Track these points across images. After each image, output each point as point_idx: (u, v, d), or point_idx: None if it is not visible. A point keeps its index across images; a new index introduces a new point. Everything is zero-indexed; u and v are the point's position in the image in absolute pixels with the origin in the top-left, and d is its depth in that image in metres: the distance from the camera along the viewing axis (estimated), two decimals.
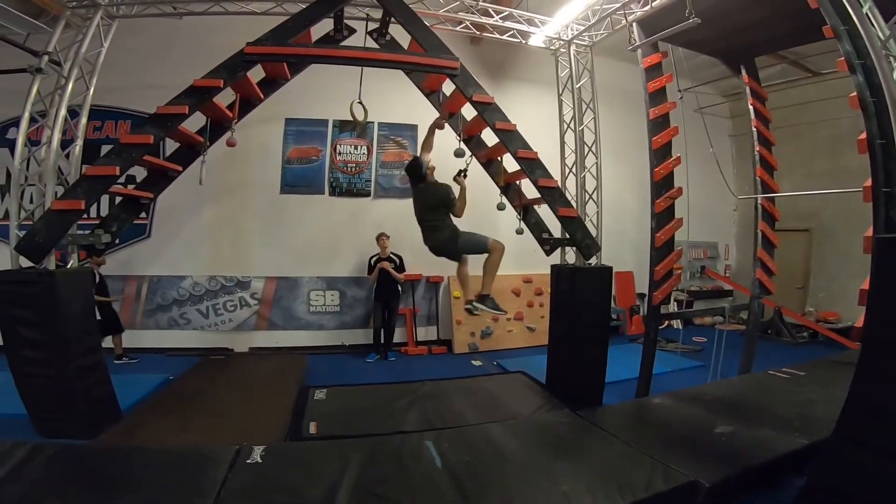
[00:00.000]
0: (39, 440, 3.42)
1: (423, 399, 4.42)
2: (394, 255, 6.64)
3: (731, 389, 4.39)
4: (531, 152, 4.53)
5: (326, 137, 7.12)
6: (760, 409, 3.77)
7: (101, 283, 5.79)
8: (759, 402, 3.94)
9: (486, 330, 7.22)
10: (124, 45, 5.61)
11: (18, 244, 3.69)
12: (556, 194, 4.65)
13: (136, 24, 5.60)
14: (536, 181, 4.53)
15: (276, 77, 4.41)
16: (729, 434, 3.32)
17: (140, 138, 3.71)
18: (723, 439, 3.26)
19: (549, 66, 6.27)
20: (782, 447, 3.09)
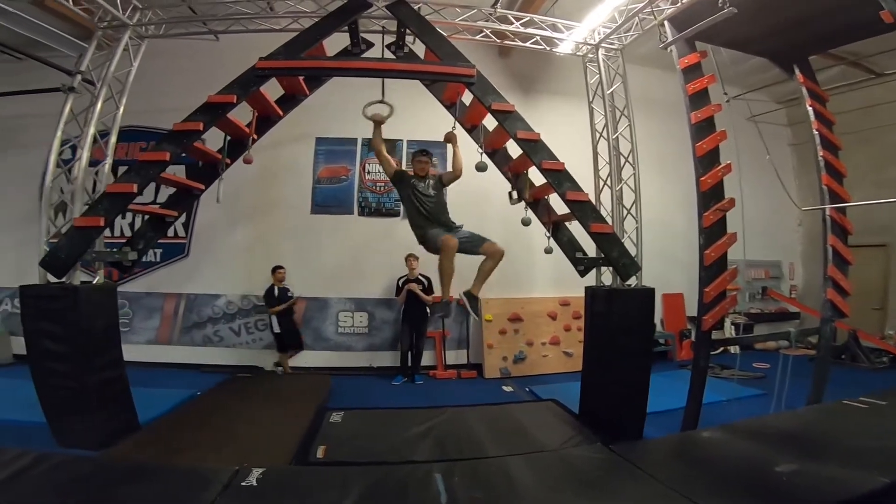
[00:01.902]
0: (56, 450, 3.45)
1: (441, 426, 4.11)
2: (422, 277, 6.45)
3: (797, 421, 3.78)
4: (557, 163, 4.25)
5: (356, 156, 7.14)
6: (832, 443, 3.17)
7: (280, 296, 6.13)
8: (830, 436, 3.33)
9: (520, 354, 6.84)
10: (162, 66, 5.97)
11: (43, 260, 3.81)
12: (587, 209, 4.33)
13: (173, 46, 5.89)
14: (564, 194, 4.24)
15: (295, 93, 4.42)
16: (793, 473, 2.78)
17: (156, 155, 3.78)
18: (784, 479, 2.73)
19: (580, 75, 6.02)
20: (858, 487, 2.54)
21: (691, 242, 8.11)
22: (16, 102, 6.41)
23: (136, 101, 4.80)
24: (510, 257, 7.07)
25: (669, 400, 4.56)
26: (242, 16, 4.76)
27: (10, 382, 4.86)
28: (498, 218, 7.25)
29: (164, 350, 6.63)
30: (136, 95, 4.80)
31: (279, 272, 6.21)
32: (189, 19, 4.82)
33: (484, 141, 4.79)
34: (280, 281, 6.20)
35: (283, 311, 6.10)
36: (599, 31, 5.36)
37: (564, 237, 4.72)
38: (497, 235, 7.22)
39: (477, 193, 7.16)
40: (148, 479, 2.70)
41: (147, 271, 6.85)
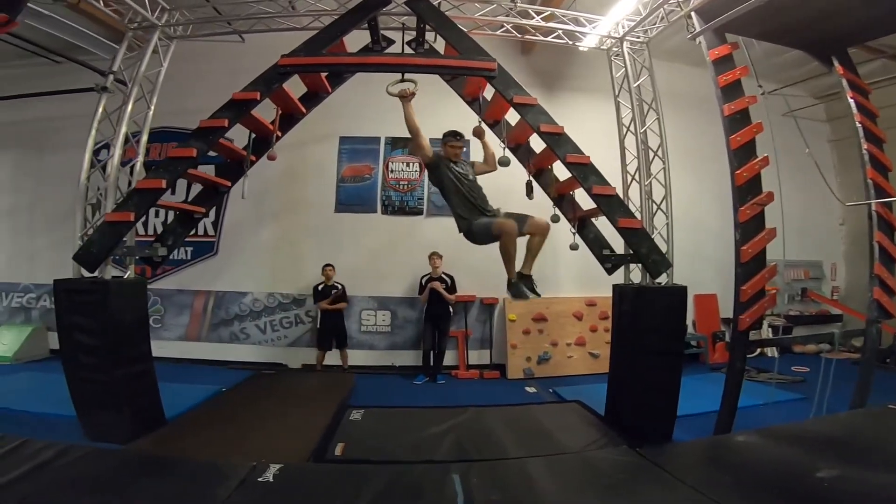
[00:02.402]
0: (84, 443, 3.54)
1: (461, 426, 4.04)
2: (445, 276, 6.41)
3: (839, 426, 3.52)
4: (582, 156, 4.13)
5: (379, 155, 7.15)
6: (877, 448, 2.93)
7: (325, 293, 6.30)
8: (875, 441, 3.09)
9: (544, 355, 6.70)
10: (190, 69, 6.11)
11: (77, 254, 3.92)
12: (615, 203, 4.18)
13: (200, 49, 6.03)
14: (590, 189, 4.11)
15: (317, 91, 4.44)
16: (835, 479, 2.58)
17: (184, 152, 3.85)
18: (825, 485, 2.54)
19: (606, 71, 5.87)
20: None
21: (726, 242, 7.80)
22: (51, 104, 6.72)
23: (165, 102, 4.94)
24: None
25: (701, 403, 4.38)
26: (265, 15, 4.81)
27: (46, 377, 5.05)
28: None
29: (193, 346, 6.78)
30: (166, 98, 4.94)
31: (327, 270, 6.34)
32: (214, 19, 4.91)
33: (506, 136, 4.71)
34: (329, 278, 6.32)
35: (328, 307, 6.22)
36: (623, 25, 5.21)
37: (591, 234, 4.58)
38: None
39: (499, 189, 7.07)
40: (167, 473, 2.75)
41: (178, 269, 7.04)
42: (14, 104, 6.93)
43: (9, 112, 7.05)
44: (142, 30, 4.60)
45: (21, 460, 2.67)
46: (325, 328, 6.35)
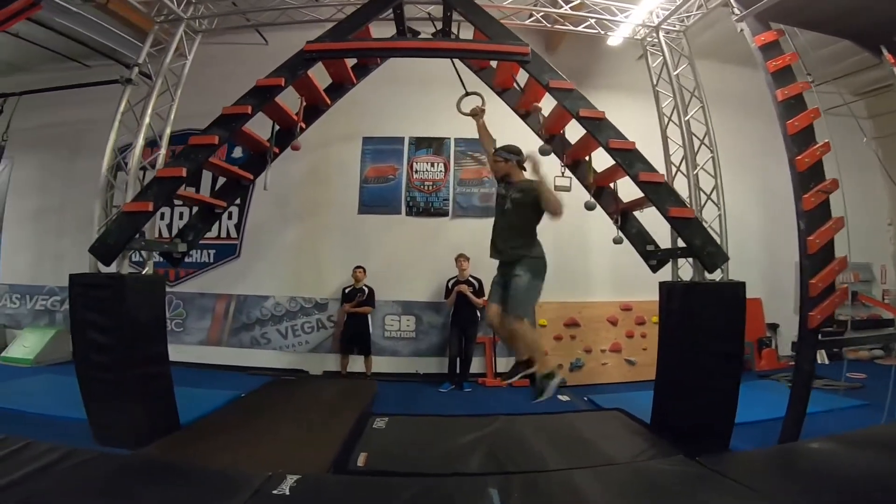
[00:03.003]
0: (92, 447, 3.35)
1: (493, 436, 3.72)
2: (473, 279, 6.11)
3: None
4: (626, 142, 3.84)
5: (403, 155, 6.95)
6: None
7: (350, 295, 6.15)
8: None
9: (577, 362, 6.32)
10: (214, 72, 6.05)
11: (92, 246, 3.76)
12: (664, 191, 3.86)
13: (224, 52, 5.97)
14: (636, 176, 3.79)
15: (342, 82, 4.27)
16: None
17: (206, 139, 3.69)
18: None
19: (634, 68, 5.61)
20: None
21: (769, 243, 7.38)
22: (81, 108, 6.76)
23: (189, 105, 4.83)
24: (565, 258, 6.73)
25: (754, 411, 4.01)
26: (288, 6, 4.71)
27: (64, 379, 4.88)
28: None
29: (214, 351, 6.62)
30: (190, 100, 4.83)
31: (357, 272, 6.16)
32: (237, 11, 4.83)
33: (540, 127, 4.45)
34: (357, 281, 6.13)
35: (352, 311, 6.02)
36: (658, 13, 4.94)
37: (633, 228, 4.26)
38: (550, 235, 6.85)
39: None
40: (174, 481, 2.52)
41: (201, 272, 6.93)
42: (44, 108, 7.00)
43: (39, 115, 7.10)
44: (168, 23, 4.54)
45: (23, 462, 2.49)
46: (348, 332, 6.13)
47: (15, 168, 7.68)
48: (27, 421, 4.07)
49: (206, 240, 6.73)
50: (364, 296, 6.12)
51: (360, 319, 6.09)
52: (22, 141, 7.24)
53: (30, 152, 7.46)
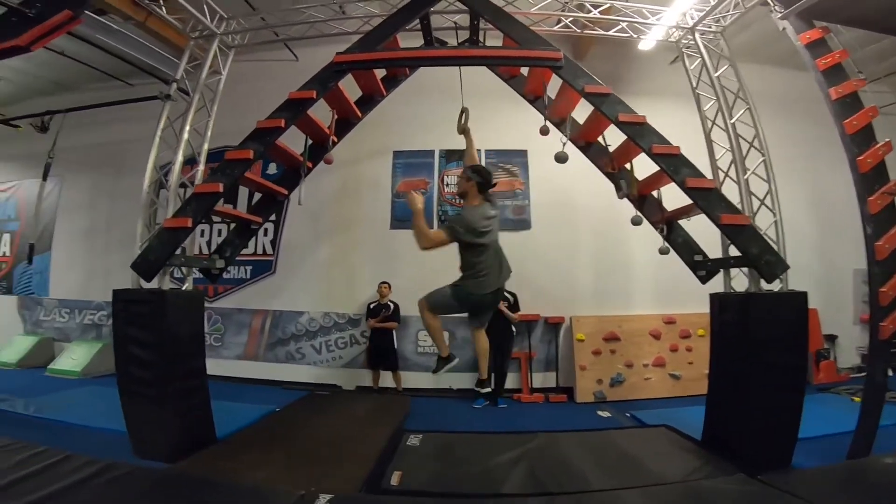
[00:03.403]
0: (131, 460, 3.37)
1: (533, 454, 3.54)
2: (508, 293, 5.97)
3: None
4: (671, 147, 3.68)
5: (433, 169, 6.93)
6: None
7: (375, 311, 6.11)
8: None
9: (618, 377, 6.04)
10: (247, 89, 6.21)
11: (134, 262, 3.86)
12: (714, 198, 3.67)
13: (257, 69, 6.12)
14: (684, 182, 3.63)
15: (372, 94, 4.29)
16: None
17: (241, 154, 3.75)
18: None
19: (667, 73, 5.42)
20: None
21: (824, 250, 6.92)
22: (126, 128, 7.09)
23: (223, 122, 4.95)
24: (604, 270, 6.51)
25: (815, 426, 3.71)
26: (315, 20, 4.80)
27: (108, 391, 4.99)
28: (586, 228, 6.68)
29: (251, 366, 6.70)
30: (224, 118, 4.95)
31: (382, 287, 6.13)
32: (267, 26, 4.95)
33: (575, 134, 4.33)
34: (383, 296, 6.11)
35: (377, 326, 5.98)
36: (692, 15, 4.80)
37: (679, 238, 4.06)
38: (587, 247, 6.67)
39: (561, 203, 6.66)
40: (209, 497, 2.48)
41: (238, 288, 7.06)
42: (91, 128, 7.40)
43: (87, 135, 7.50)
44: (202, 38, 4.71)
45: (61, 476, 2.51)
46: (374, 348, 6.09)
47: (64, 187, 8.12)
48: (70, 432, 4.19)
49: (243, 256, 6.94)
50: (389, 311, 6.06)
51: (386, 335, 6.03)
52: (70, 161, 7.64)
53: (78, 172, 7.87)
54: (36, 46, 3.05)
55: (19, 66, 7.12)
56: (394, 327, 6.06)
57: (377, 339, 6.05)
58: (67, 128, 6.85)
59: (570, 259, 6.63)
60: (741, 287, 4.00)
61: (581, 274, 6.62)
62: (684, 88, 4.97)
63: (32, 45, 3.00)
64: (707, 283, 4.18)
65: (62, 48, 6.51)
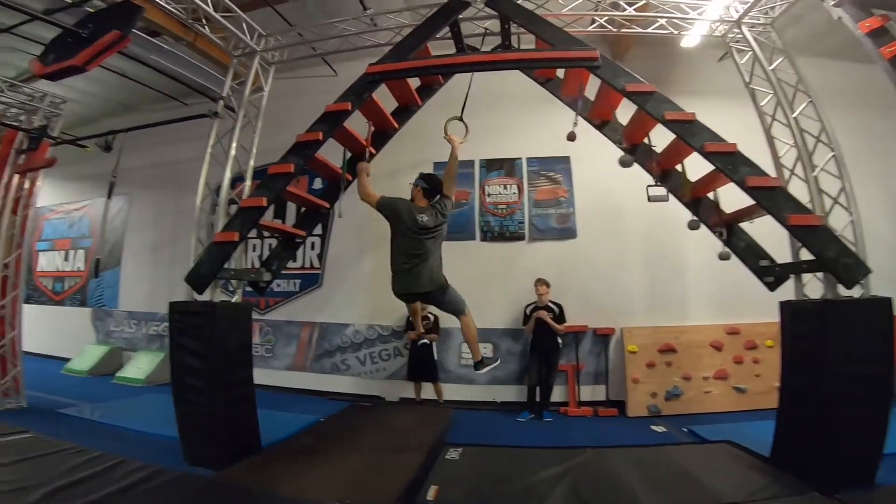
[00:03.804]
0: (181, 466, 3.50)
1: (579, 470, 3.36)
2: (553, 304, 5.80)
3: None
4: (726, 144, 3.45)
5: (474, 179, 6.88)
6: None
7: (434, 324, 6.10)
8: None
9: (674, 390, 5.67)
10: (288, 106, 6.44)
11: (187, 276, 4.05)
12: (780, 197, 3.39)
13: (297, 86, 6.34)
14: (744, 181, 3.38)
15: (408, 104, 4.32)
16: None
17: (282, 168, 3.88)
18: None
19: (713, 71, 5.13)
20: None
21: None
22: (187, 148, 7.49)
23: (271, 140, 5.11)
24: (658, 279, 6.18)
25: None
26: (348, 33, 4.92)
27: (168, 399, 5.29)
28: (636, 235, 6.38)
29: (298, 376, 6.86)
30: (271, 135, 5.11)
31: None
32: (303, 42, 5.11)
33: (620, 136, 4.16)
34: (423, 308, 6.04)
35: (416, 338, 5.95)
36: (737, 7, 4.52)
37: (741, 242, 3.79)
38: (638, 255, 6.36)
39: (608, 209, 6.41)
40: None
41: (288, 300, 7.28)
42: (155, 148, 7.95)
43: (151, 155, 8.09)
44: (244, 56, 4.93)
45: (114, 479, 2.64)
46: (413, 360, 6.08)
47: (132, 205, 8.77)
48: (130, 438, 4.43)
49: (292, 270, 7.17)
50: (429, 323, 6.01)
51: (426, 347, 5.99)
52: (137, 180, 8.29)
53: (144, 190, 8.49)
54: (91, 66, 3.27)
55: (87, 88, 7.82)
56: (434, 339, 6.01)
57: (417, 351, 6.04)
58: (133, 148, 7.41)
59: (620, 268, 6.34)
60: (815, 294, 3.65)
61: (632, 283, 6.31)
62: (734, 85, 4.68)
63: (88, 64, 3.22)
64: (776, 290, 3.82)
65: (123, 70, 7.06)
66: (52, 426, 4.46)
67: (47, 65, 3.34)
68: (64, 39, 3.46)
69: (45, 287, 9.58)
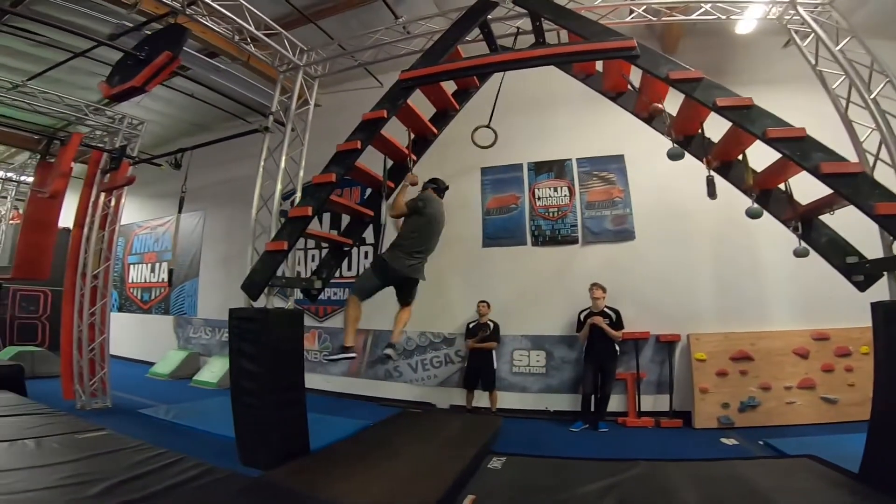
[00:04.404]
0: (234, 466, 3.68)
1: (630, 485, 3.12)
2: (609, 309, 5.52)
3: None
4: (793, 129, 3.12)
5: (523, 183, 6.74)
6: None
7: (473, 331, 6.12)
8: None
9: (750, 401, 5.16)
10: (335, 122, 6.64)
11: (243, 284, 4.27)
12: (864, 183, 3.01)
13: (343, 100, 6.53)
14: (817, 168, 3.03)
15: (445, 108, 4.32)
16: None
17: (325, 177, 4.00)
18: None
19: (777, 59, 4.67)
20: None
21: None
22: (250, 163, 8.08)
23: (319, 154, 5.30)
24: (728, 282, 5.69)
25: None
26: (383, 42, 5.03)
27: None
28: (702, 234, 5.92)
29: (353, 382, 7.05)
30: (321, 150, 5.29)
31: (480, 306, 6.12)
32: (343, 53, 5.27)
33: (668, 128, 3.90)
34: (482, 315, 6.09)
35: (476, 347, 5.94)
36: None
37: (823, 237, 3.42)
38: (705, 256, 5.89)
39: (669, 208, 6.02)
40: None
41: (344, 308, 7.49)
42: (225, 166, 8.51)
43: (222, 173, 8.70)
44: (289, 71, 5.18)
45: (170, 475, 2.80)
46: (471, 367, 6.01)
47: (206, 220, 9.48)
48: (197, 437, 4.74)
49: (346, 278, 7.39)
50: (489, 331, 5.93)
51: (485, 355, 5.92)
52: (209, 196, 8.96)
53: (216, 206, 9.13)
54: (150, 87, 3.58)
55: (163, 110, 8.59)
56: (493, 347, 5.93)
57: (476, 359, 5.98)
58: (206, 166, 8.02)
59: (684, 270, 5.90)
60: None
61: (699, 286, 5.84)
62: (802, 72, 4.24)
63: (146, 84, 3.52)
64: (867, 289, 3.34)
65: (192, 91, 7.68)
66: (130, 425, 4.89)
67: (113, 86, 3.67)
68: (125, 62, 3.81)
69: (135, 297, 10.60)
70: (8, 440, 3.25)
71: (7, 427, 3.56)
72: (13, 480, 2.55)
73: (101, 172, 6.52)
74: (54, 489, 2.49)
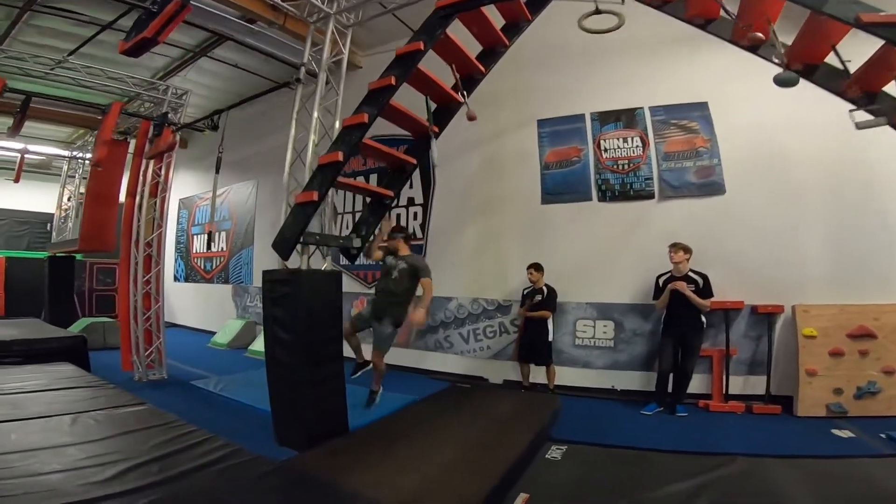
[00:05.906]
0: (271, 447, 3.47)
1: (726, 485, 2.52)
2: (693, 274, 4.70)
3: None
4: None
5: (586, 134, 5.90)
6: None
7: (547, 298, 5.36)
8: None
9: (869, 386, 4.24)
10: None
11: (274, 241, 3.88)
12: None
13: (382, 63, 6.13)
14: None
15: (493, 44, 3.70)
16: None
17: (356, 119, 3.54)
18: None
19: None
20: None
21: None
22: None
23: None
24: (846, 244, 4.69)
25: None
26: None
27: None
28: (810, 186, 4.87)
29: (402, 353, 6.64)
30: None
31: (529, 271, 5.42)
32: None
33: (787, 53, 3.02)
34: (534, 281, 5.40)
35: (526, 314, 5.38)
36: None
37: None
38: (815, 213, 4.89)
39: (767, 156, 5.01)
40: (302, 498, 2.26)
41: None
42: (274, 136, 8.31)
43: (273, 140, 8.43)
44: (320, 21, 4.80)
45: (192, 457, 2.55)
46: (525, 338, 5.46)
47: (259, 189, 9.43)
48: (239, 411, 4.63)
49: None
50: (543, 297, 5.29)
51: (539, 325, 5.27)
52: (259, 165, 8.94)
53: (266, 175, 8.98)
54: (162, 36, 3.34)
55: (207, 82, 8.57)
56: (546, 316, 5.29)
57: (529, 329, 5.39)
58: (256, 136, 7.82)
59: (789, 229, 4.87)
60: None
61: (808, 249, 4.80)
62: None
63: (158, 35, 3.26)
64: None
65: (235, 61, 7.60)
66: (177, 399, 4.88)
67: (128, 41, 3.44)
68: (141, 18, 3.64)
69: (199, 267, 10.93)
70: (45, 416, 3.12)
71: (51, 402, 3.46)
72: (31, 462, 2.34)
73: (149, 142, 6.48)
74: (67, 472, 2.26)
